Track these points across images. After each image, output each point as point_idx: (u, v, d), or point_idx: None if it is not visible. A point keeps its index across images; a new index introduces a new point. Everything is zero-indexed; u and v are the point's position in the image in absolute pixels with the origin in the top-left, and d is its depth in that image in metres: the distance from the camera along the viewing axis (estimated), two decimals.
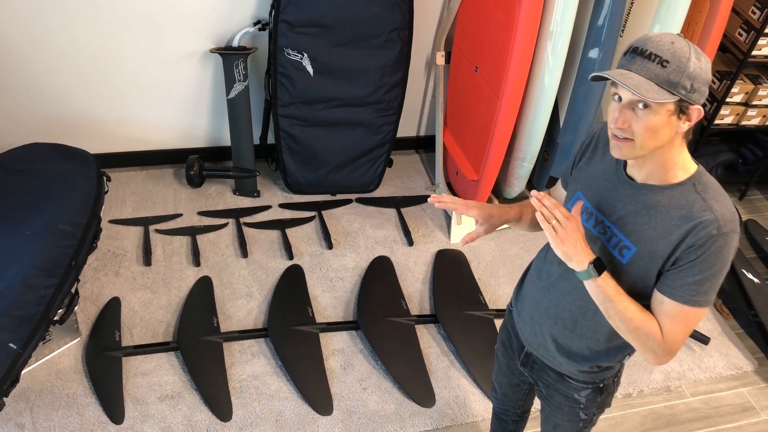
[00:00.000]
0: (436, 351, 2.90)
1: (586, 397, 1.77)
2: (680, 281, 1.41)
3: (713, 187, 1.41)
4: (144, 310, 2.91)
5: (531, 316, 1.76)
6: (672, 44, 1.30)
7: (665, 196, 1.42)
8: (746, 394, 2.92)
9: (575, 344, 1.67)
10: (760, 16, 3.30)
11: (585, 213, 1.57)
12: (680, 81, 1.30)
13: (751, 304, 3.15)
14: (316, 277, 3.16)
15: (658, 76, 1.30)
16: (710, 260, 1.38)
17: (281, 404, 2.63)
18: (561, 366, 1.74)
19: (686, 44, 1.31)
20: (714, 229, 1.35)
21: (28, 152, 2.84)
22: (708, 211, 1.37)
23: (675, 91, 1.30)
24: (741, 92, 3.56)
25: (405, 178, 3.84)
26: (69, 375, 2.64)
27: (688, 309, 1.42)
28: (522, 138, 3.09)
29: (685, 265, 1.39)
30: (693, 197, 1.39)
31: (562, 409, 1.83)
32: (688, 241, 1.38)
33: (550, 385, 1.83)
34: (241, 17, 3.24)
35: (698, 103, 1.34)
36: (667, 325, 1.44)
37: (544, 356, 1.77)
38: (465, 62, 3.26)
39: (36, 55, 3.13)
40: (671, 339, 1.45)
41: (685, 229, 1.38)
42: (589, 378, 1.73)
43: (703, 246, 1.36)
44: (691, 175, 1.41)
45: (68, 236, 2.48)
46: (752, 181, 3.95)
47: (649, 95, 1.29)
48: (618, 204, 1.49)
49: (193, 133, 3.65)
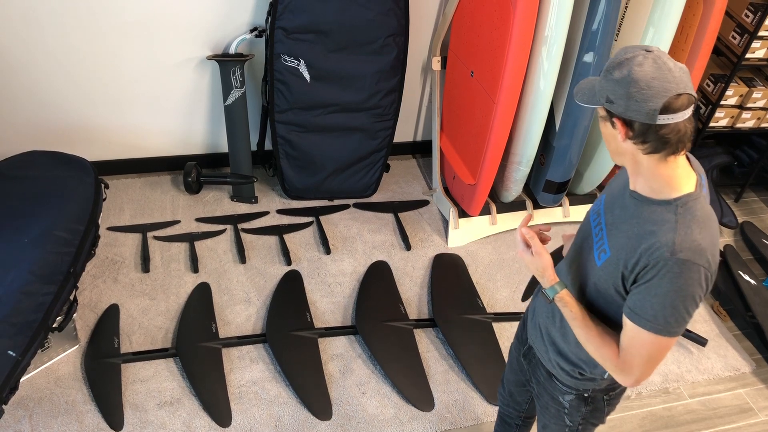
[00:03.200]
0: (434, 355, 2.91)
1: (570, 403, 1.79)
2: (639, 304, 1.40)
3: (695, 215, 1.37)
4: (143, 317, 2.91)
5: (535, 310, 1.83)
6: (615, 56, 1.36)
7: (648, 210, 1.42)
8: (744, 395, 2.93)
9: (561, 343, 1.71)
10: (754, 19, 3.32)
11: (595, 214, 1.61)
12: (600, 89, 1.37)
13: (749, 306, 3.16)
14: (315, 283, 3.17)
15: (594, 86, 1.40)
16: (664, 285, 1.35)
17: (280, 409, 2.63)
18: (550, 363, 1.77)
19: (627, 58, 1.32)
20: (667, 252, 1.33)
21: (26, 160, 2.85)
22: (671, 233, 1.35)
23: (598, 98, 1.38)
24: (735, 95, 3.58)
25: (402, 183, 3.85)
26: (68, 382, 2.64)
27: (645, 334, 1.41)
28: (518, 142, 3.10)
29: (643, 286, 1.39)
30: (669, 218, 1.37)
31: (549, 410, 1.87)
32: (644, 260, 1.38)
33: (540, 383, 1.86)
34: (238, 24, 3.26)
35: (619, 115, 1.34)
36: (627, 348, 1.46)
37: (538, 349, 1.81)
38: (461, 67, 3.28)
39: (33, 63, 3.14)
40: (628, 361, 1.46)
41: (645, 246, 1.38)
42: (572, 383, 1.75)
43: (655, 267, 1.35)
44: (679, 197, 1.38)
45: (66, 243, 2.49)
46: (747, 183, 3.96)
47: (581, 98, 1.42)
48: (616, 210, 1.52)
49: (191, 140, 3.66)
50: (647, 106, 1.29)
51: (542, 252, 1.56)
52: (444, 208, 3.59)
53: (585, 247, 1.61)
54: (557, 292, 1.56)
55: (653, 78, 1.28)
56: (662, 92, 1.28)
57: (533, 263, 1.58)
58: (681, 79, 1.29)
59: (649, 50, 1.32)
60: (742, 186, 4.00)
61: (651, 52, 1.31)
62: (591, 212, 1.65)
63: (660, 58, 1.30)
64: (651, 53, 1.31)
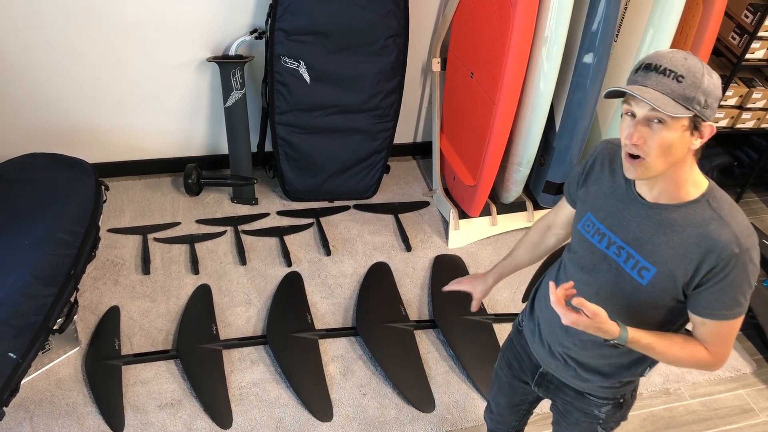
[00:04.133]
0: (435, 356, 2.91)
1: (606, 413, 1.76)
2: (715, 301, 1.41)
3: (728, 203, 1.41)
4: (143, 319, 2.91)
5: (548, 337, 1.73)
6: (685, 60, 1.31)
7: (680, 214, 1.41)
8: (745, 395, 2.93)
9: (596, 362, 1.66)
10: (753, 19, 3.32)
11: (597, 234, 1.55)
12: (695, 96, 1.30)
13: (749, 306, 3.16)
14: (315, 284, 3.17)
15: (674, 91, 1.29)
16: (739, 277, 1.39)
17: (281, 411, 2.63)
18: (582, 385, 1.72)
19: (698, 61, 1.32)
20: (736, 248, 1.36)
21: (26, 162, 2.85)
22: (726, 228, 1.36)
23: (690, 107, 1.30)
24: (735, 95, 3.58)
25: (402, 184, 3.85)
26: (69, 384, 2.64)
27: (728, 323, 1.44)
28: (518, 143, 3.10)
29: (716, 286, 1.40)
30: (709, 214, 1.39)
31: (580, 425, 1.82)
32: (710, 262, 1.38)
33: (567, 403, 1.81)
34: (238, 26, 3.26)
35: (710, 120, 1.34)
36: (714, 343, 1.48)
37: (563, 376, 1.75)
38: (461, 68, 3.28)
39: (33, 65, 3.14)
40: (720, 353, 1.49)
41: (705, 248, 1.37)
42: (610, 394, 1.72)
43: (728, 265, 1.37)
44: (704, 192, 1.41)
45: (67, 245, 2.49)
46: (748, 183, 3.96)
47: (668, 110, 1.28)
48: (632, 224, 1.48)
49: (191, 142, 3.66)
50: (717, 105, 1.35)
51: (598, 310, 1.39)
52: (444, 209, 3.59)
53: (606, 269, 1.54)
54: (626, 338, 1.43)
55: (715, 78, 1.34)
56: None
57: (593, 324, 1.40)
58: None
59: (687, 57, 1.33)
60: (743, 186, 4.00)
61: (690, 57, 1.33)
62: (585, 233, 1.58)
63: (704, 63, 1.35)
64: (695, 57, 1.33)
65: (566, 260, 1.68)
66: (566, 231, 1.82)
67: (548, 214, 1.86)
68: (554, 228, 1.84)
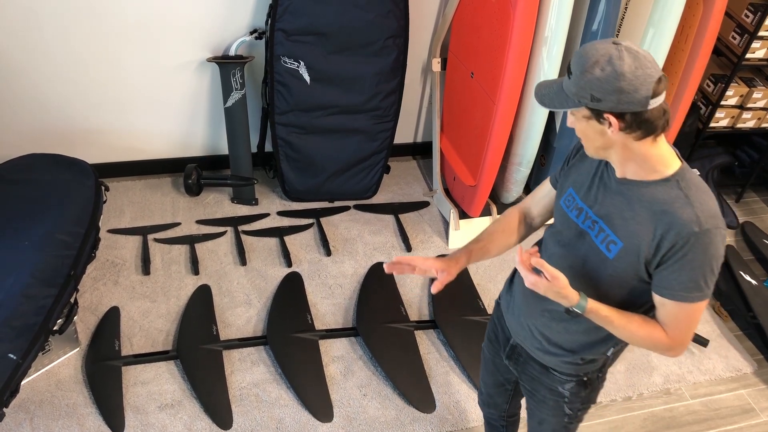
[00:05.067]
0: (435, 356, 2.90)
1: (570, 391, 1.79)
2: (675, 281, 1.44)
3: (696, 185, 1.44)
4: (143, 319, 2.91)
5: (520, 309, 1.79)
6: (581, 56, 1.36)
7: (649, 191, 1.45)
8: (746, 395, 2.92)
9: (562, 337, 1.70)
10: (753, 19, 3.32)
11: (576, 209, 1.61)
12: (578, 91, 1.37)
13: (750, 306, 3.16)
14: (315, 284, 3.16)
15: (565, 87, 1.40)
16: (698, 257, 1.40)
17: (281, 411, 2.63)
18: (546, 358, 1.77)
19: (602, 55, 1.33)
20: (695, 226, 1.38)
21: (26, 163, 2.85)
22: (689, 208, 1.40)
23: (578, 100, 1.38)
24: (736, 95, 3.57)
25: (402, 184, 3.85)
26: (69, 385, 2.64)
27: (688, 306, 1.45)
28: (519, 143, 3.10)
29: (675, 265, 1.42)
30: (676, 193, 1.42)
31: (547, 404, 1.86)
32: (670, 239, 1.41)
33: (534, 378, 1.85)
34: (238, 26, 3.26)
35: (610, 111, 1.36)
36: (672, 325, 1.49)
37: (530, 348, 1.80)
38: (461, 68, 3.28)
39: (33, 66, 3.14)
40: (678, 336, 1.50)
41: (666, 225, 1.41)
42: (573, 370, 1.75)
43: (687, 244, 1.40)
44: (675, 172, 1.44)
45: (67, 246, 2.49)
46: (748, 183, 3.96)
47: (549, 104, 1.44)
48: (606, 199, 1.53)
49: (191, 142, 3.66)
50: (639, 95, 1.33)
51: (557, 274, 1.46)
52: (444, 209, 3.59)
53: (580, 244, 1.60)
54: (585, 306, 1.49)
55: (636, 68, 1.32)
56: (648, 79, 1.33)
57: (552, 288, 1.46)
58: (655, 64, 1.35)
59: (617, 43, 1.35)
60: (743, 186, 3.99)
61: (620, 44, 1.35)
62: (566, 208, 1.64)
63: (632, 49, 1.34)
64: (622, 46, 1.34)
65: (546, 237, 1.75)
66: (540, 218, 1.86)
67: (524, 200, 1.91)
68: (529, 215, 1.87)
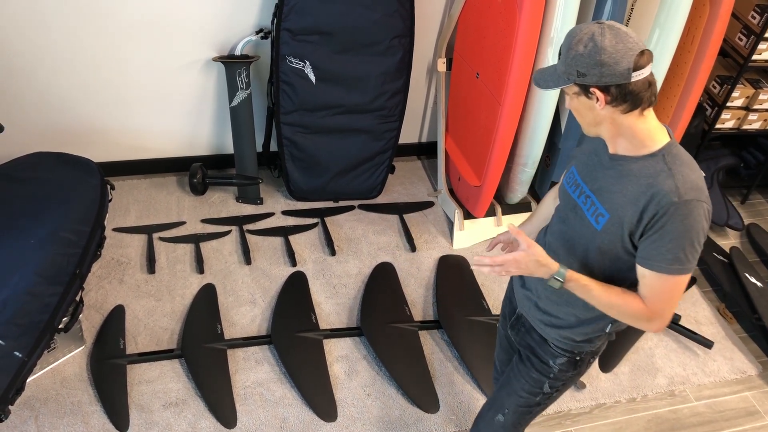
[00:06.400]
0: (439, 357, 2.90)
1: (560, 367, 1.83)
2: (654, 252, 1.48)
3: (681, 159, 1.49)
4: (148, 318, 2.92)
5: (526, 280, 1.87)
6: (568, 36, 1.45)
7: (637, 166, 1.51)
8: (750, 398, 2.92)
9: (561, 310, 1.75)
10: (760, 20, 3.31)
11: (574, 185, 1.67)
12: (566, 69, 1.45)
13: (755, 308, 3.15)
14: (320, 284, 3.17)
15: (557, 68, 1.50)
16: (677, 228, 1.44)
17: (286, 411, 2.63)
18: (546, 330, 1.81)
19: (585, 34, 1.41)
20: (675, 197, 1.43)
21: (32, 161, 2.85)
22: (670, 180, 1.44)
23: (567, 77, 1.46)
24: (742, 96, 3.56)
25: (407, 184, 3.85)
26: (74, 383, 2.64)
27: (667, 278, 1.49)
28: (524, 143, 3.10)
29: (655, 235, 1.46)
30: (660, 167, 1.48)
31: (531, 375, 1.89)
32: (651, 210, 1.45)
33: (530, 347, 1.89)
34: (244, 26, 3.26)
35: (595, 85, 1.43)
36: (651, 296, 1.53)
37: (533, 318, 1.84)
38: (466, 69, 3.28)
39: (39, 65, 3.15)
40: (658, 308, 1.53)
41: (649, 195, 1.46)
42: (569, 346, 1.80)
43: (666, 213, 1.44)
44: (662, 147, 1.50)
45: (72, 244, 2.49)
46: (754, 185, 3.95)
47: (543, 84, 1.52)
48: (599, 174, 1.60)
49: (196, 141, 3.66)
50: (620, 67, 1.40)
51: (532, 243, 1.53)
52: (449, 209, 3.58)
53: (574, 218, 1.66)
54: (564, 275, 1.54)
55: (617, 42, 1.40)
56: (629, 52, 1.40)
57: (527, 258, 1.52)
58: (638, 40, 1.41)
59: (600, 23, 1.42)
60: (749, 188, 3.98)
61: (603, 23, 1.42)
62: (566, 185, 1.71)
63: (614, 26, 1.42)
64: (605, 24, 1.42)
65: (553, 215, 1.81)
66: None
67: None
68: None
